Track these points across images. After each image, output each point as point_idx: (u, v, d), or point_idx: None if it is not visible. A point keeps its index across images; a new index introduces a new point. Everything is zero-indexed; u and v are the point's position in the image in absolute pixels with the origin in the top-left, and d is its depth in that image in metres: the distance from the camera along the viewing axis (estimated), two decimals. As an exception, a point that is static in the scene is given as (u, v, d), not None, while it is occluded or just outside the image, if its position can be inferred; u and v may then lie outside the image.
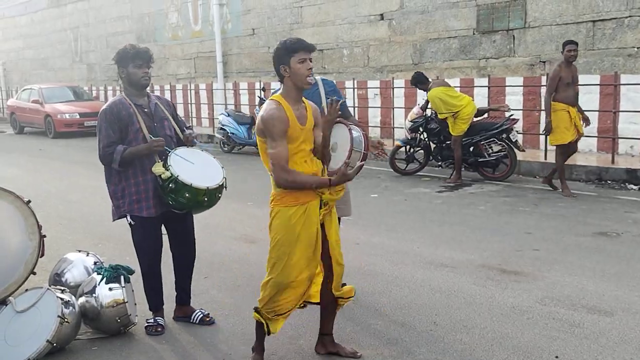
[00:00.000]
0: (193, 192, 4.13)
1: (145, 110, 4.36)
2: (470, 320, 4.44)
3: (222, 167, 4.40)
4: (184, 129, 4.58)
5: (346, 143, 3.59)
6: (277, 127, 3.44)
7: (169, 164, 4.16)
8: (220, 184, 4.26)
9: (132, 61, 4.32)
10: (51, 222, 7.34)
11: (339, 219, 4.23)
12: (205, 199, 4.20)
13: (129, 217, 4.34)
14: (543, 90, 10.74)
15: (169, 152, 4.25)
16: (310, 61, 3.52)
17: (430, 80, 10.15)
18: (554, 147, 8.61)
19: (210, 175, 4.25)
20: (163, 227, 4.53)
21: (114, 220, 4.49)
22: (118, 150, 4.20)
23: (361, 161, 4.26)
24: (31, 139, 19.65)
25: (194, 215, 4.56)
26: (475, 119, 9.75)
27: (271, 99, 3.62)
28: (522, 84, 11.52)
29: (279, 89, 4.78)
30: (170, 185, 4.12)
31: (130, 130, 4.26)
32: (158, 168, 4.17)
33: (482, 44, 12.11)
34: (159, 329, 4.42)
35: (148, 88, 4.53)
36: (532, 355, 3.85)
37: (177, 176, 4.09)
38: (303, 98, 3.66)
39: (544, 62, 11.21)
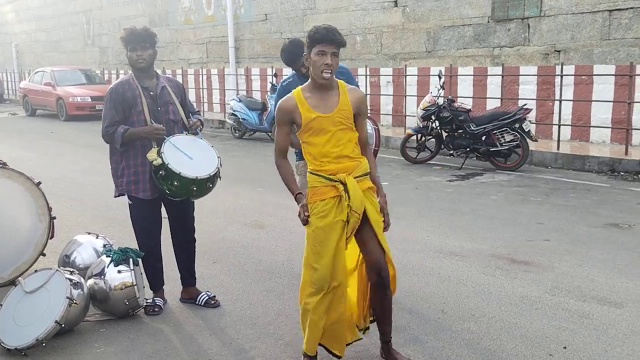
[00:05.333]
0: (182, 180, 4.15)
1: (151, 93, 4.37)
2: (479, 309, 4.42)
3: (219, 157, 4.39)
4: (191, 114, 4.58)
5: None
6: (277, 115, 3.49)
7: (162, 151, 4.18)
8: (212, 174, 4.25)
9: (127, 45, 4.32)
10: (61, 204, 7.38)
11: None
12: (194, 188, 4.21)
13: (127, 197, 4.42)
14: (557, 80, 10.67)
15: (165, 139, 4.26)
16: (335, 56, 3.34)
17: None
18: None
19: (202, 165, 4.25)
20: (164, 210, 4.57)
21: (115, 196, 4.55)
22: (119, 132, 4.25)
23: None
24: (43, 121, 19.72)
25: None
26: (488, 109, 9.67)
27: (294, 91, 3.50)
28: (536, 74, 11.41)
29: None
30: (161, 172, 4.16)
31: (133, 111, 4.30)
32: (152, 154, 4.21)
33: (497, 32, 12.00)
34: (156, 309, 4.46)
35: (160, 71, 4.50)
36: (540, 345, 3.83)
37: (168, 164, 4.12)
38: (345, 86, 3.47)
39: (559, 51, 11.10)
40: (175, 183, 4.15)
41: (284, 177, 3.54)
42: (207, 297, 4.59)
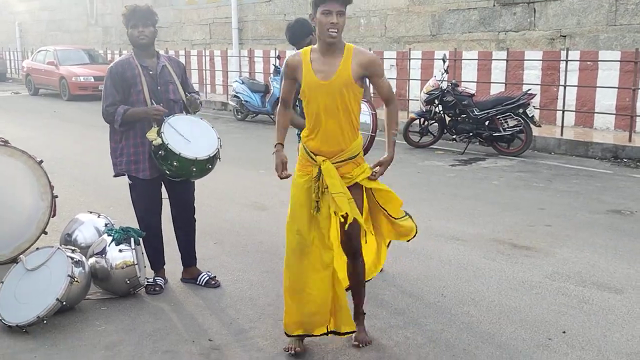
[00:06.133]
0: (182, 161, 4.15)
1: (151, 72, 4.35)
2: (479, 293, 4.42)
3: (219, 138, 4.38)
4: (190, 94, 4.55)
5: None
6: (283, 69, 3.58)
7: (162, 130, 4.16)
8: (212, 155, 4.25)
9: (128, 22, 4.30)
10: (64, 183, 7.39)
11: None
12: (194, 169, 4.21)
13: (127, 176, 4.42)
14: (562, 65, 10.61)
15: (165, 119, 4.24)
16: (341, 15, 3.26)
17: None
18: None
19: (202, 146, 4.24)
20: (165, 191, 4.57)
21: (113, 176, 4.55)
22: (119, 112, 4.24)
23: (368, 144, 4.20)
24: (46, 100, 19.69)
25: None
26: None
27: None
28: (541, 59, 11.34)
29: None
30: (161, 152, 4.16)
31: (133, 91, 4.28)
32: (151, 134, 4.19)
33: (502, 17, 11.91)
34: (157, 289, 4.47)
35: (162, 51, 4.47)
36: (539, 330, 3.84)
37: (167, 144, 4.11)
38: (352, 50, 3.37)
39: (565, 36, 11.02)
40: (175, 163, 4.14)
41: (276, 124, 3.68)
42: (207, 278, 4.61)
